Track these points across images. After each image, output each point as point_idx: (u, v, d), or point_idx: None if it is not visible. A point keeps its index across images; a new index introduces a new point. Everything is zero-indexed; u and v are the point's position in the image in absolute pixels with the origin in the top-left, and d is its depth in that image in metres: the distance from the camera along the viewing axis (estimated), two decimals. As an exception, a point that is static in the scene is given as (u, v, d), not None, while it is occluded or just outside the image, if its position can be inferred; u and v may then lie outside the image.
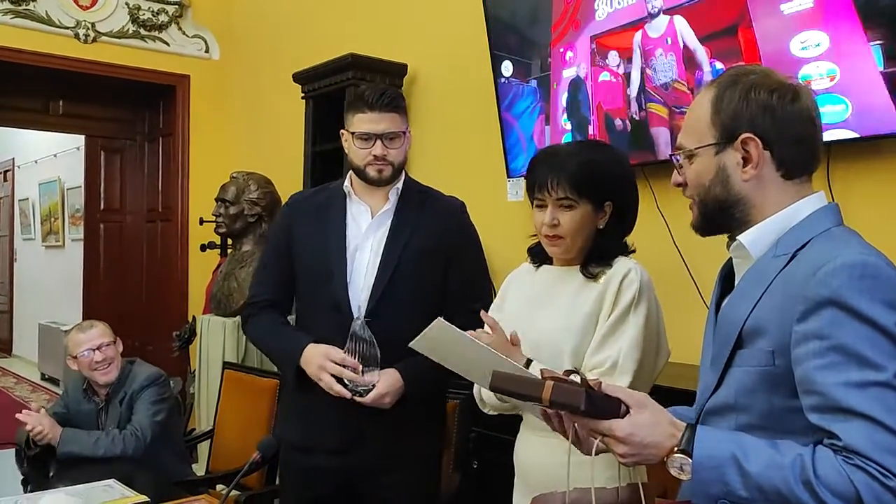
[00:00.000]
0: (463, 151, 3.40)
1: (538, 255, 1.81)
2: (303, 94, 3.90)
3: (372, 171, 1.98)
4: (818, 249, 1.11)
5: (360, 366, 1.85)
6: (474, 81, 3.27)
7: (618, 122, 2.60)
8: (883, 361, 1.01)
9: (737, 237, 1.21)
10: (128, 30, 4.93)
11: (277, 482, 2.90)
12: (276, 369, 3.12)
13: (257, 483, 2.88)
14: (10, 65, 4.62)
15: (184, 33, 5.15)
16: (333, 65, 3.63)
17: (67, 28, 4.73)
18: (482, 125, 3.21)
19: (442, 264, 2.03)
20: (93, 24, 4.80)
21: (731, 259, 1.28)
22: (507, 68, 2.97)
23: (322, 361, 1.88)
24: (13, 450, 2.58)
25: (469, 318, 2.06)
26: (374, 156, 1.96)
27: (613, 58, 2.54)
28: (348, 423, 1.94)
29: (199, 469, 3.40)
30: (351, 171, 2.05)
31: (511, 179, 3.06)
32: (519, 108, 2.92)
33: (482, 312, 1.66)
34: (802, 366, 1.06)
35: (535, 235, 1.78)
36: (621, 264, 1.67)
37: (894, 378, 1.01)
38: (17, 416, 2.57)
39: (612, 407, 1.12)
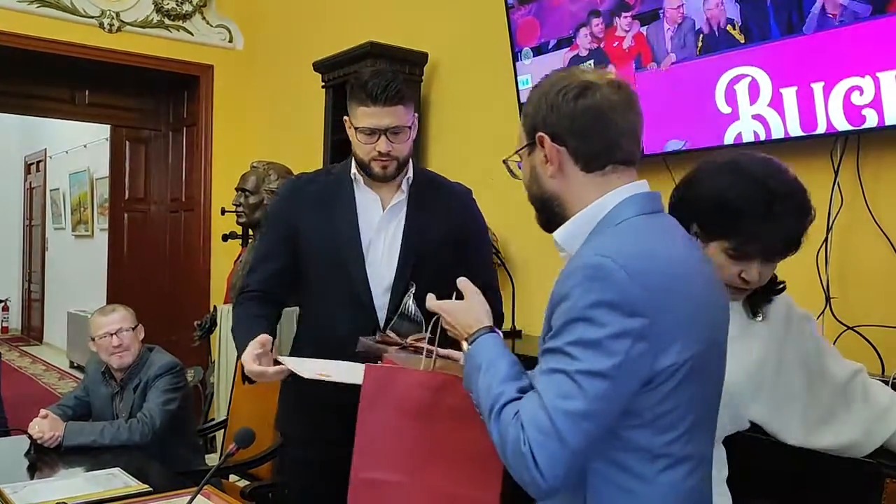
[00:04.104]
0: (482, 140, 3.34)
1: None
2: (322, 83, 3.87)
3: (377, 168, 1.90)
4: (584, 247, 1.20)
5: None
6: (495, 70, 3.20)
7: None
8: (580, 355, 1.11)
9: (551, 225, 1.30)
10: (152, 19, 4.93)
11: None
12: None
13: (268, 473, 2.85)
14: (36, 54, 4.64)
15: (208, 23, 5.14)
16: (353, 53, 3.59)
17: (92, 17, 4.74)
18: (502, 114, 3.15)
19: (454, 252, 1.97)
20: (117, 14, 4.81)
21: None
22: (527, 56, 2.91)
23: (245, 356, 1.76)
24: (25, 436, 2.58)
25: None
26: (379, 152, 1.87)
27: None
28: (349, 410, 1.90)
29: (216, 459, 3.39)
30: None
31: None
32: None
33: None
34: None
35: None
36: (780, 299, 1.56)
37: (579, 372, 1.10)
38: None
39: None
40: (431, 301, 1.42)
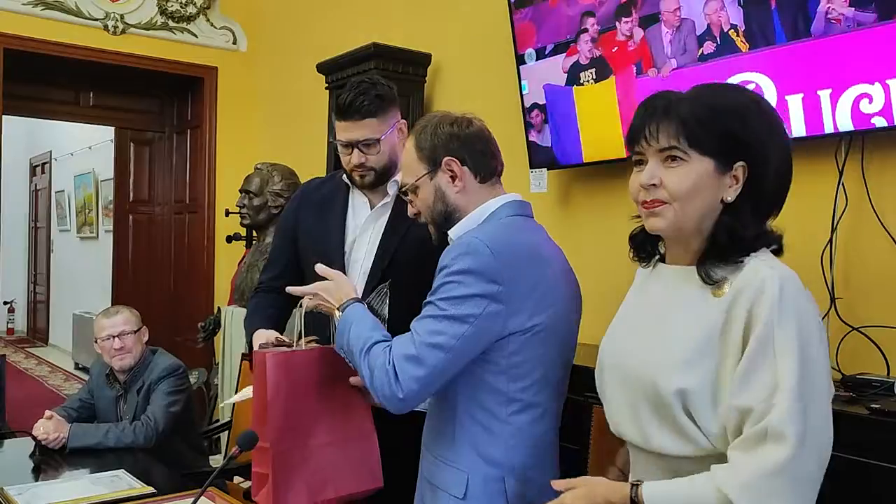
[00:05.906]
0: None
1: (644, 248, 1.36)
2: (326, 85, 3.86)
3: (356, 177, 1.99)
4: (469, 233, 1.54)
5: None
6: (498, 72, 3.20)
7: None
8: (446, 306, 1.45)
9: (447, 232, 1.62)
10: (156, 21, 4.94)
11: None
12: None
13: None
14: (41, 56, 4.65)
15: (212, 25, 5.14)
16: (356, 54, 3.59)
17: (97, 20, 4.75)
18: (505, 116, 3.14)
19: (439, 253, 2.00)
20: (121, 16, 4.82)
21: None
22: (530, 57, 2.89)
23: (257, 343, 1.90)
24: (30, 438, 2.58)
25: None
26: (353, 164, 1.95)
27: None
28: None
29: (221, 460, 3.39)
30: None
31: (533, 171, 2.99)
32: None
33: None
34: None
35: (638, 217, 1.31)
36: (754, 266, 1.18)
37: (444, 317, 1.44)
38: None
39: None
40: (297, 288, 1.70)
